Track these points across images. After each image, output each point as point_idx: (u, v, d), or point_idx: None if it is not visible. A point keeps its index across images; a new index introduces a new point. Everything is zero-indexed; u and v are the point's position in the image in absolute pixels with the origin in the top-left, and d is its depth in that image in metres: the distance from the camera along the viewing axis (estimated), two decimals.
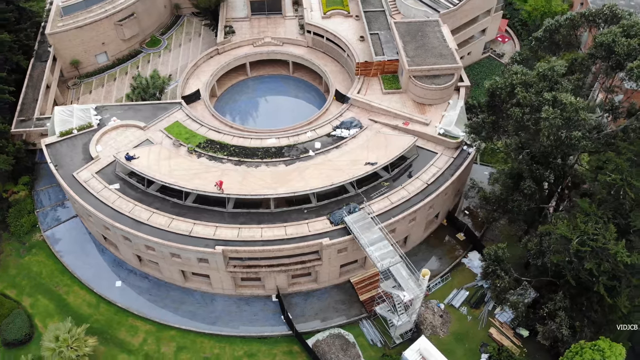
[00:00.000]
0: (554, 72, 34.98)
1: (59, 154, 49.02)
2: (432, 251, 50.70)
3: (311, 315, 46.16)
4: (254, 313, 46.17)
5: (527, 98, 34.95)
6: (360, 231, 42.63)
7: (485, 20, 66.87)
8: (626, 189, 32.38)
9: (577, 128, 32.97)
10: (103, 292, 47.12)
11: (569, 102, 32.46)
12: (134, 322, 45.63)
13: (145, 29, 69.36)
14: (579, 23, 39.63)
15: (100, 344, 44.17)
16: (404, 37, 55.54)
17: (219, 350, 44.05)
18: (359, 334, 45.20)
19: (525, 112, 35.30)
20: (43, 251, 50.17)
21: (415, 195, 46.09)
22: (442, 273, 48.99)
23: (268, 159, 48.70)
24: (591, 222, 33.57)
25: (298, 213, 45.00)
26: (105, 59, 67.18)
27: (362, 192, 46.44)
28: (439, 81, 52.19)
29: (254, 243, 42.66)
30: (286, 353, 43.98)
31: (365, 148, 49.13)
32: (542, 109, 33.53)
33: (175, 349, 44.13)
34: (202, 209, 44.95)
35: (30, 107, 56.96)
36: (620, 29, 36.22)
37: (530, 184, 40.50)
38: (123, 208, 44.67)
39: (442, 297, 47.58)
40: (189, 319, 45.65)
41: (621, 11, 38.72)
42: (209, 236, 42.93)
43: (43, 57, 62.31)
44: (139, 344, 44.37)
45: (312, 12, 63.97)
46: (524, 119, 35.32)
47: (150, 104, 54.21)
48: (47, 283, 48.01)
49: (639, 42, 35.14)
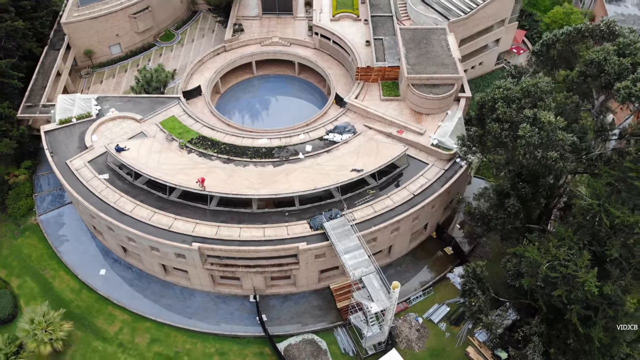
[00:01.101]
0: (537, 88, 33.69)
1: (57, 141, 50.20)
2: (417, 263, 49.76)
3: (287, 318, 45.94)
4: (230, 312, 46.27)
5: (507, 113, 33.81)
6: (338, 238, 42.16)
7: (499, 31, 65.14)
8: (602, 215, 30.91)
9: (554, 148, 31.64)
10: (86, 279, 48.07)
11: (547, 120, 31.19)
12: (112, 311, 46.37)
13: (159, 23, 70.40)
14: (576, 38, 38.06)
15: (78, 330, 45.13)
16: (407, 43, 54.66)
17: (191, 346, 44.32)
18: (332, 342, 44.74)
19: (504, 128, 34.15)
20: (36, 234, 51.54)
21: (400, 205, 45.25)
22: (425, 286, 48.03)
23: (257, 159, 48.69)
24: (564, 248, 32.21)
25: (279, 215, 44.82)
26: (118, 50, 68.48)
27: (347, 199, 45.90)
28: (437, 90, 51.12)
29: (231, 242, 42.69)
30: (257, 354, 43.91)
31: (356, 154, 48.59)
32: (520, 126, 32.35)
33: (149, 341, 44.63)
34: (185, 204, 45.27)
35: (38, 93, 58.50)
36: (614, 47, 34.64)
37: (514, 203, 39.17)
38: (109, 198, 45.41)
39: (422, 311, 46.64)
40: (165, 312, 46.11)
41: (619, 28, 37.00)
42: (187, 232, 43.19)
43: (57, 45, 63.88)
44: (115, 332, 45.07)
45: (321, 14, 63.66)
46: (502, 135, 34.18)
47: (150, 98, 54.96)
48: (35, 266, 49.29)
49: (632, 62, 33.52)
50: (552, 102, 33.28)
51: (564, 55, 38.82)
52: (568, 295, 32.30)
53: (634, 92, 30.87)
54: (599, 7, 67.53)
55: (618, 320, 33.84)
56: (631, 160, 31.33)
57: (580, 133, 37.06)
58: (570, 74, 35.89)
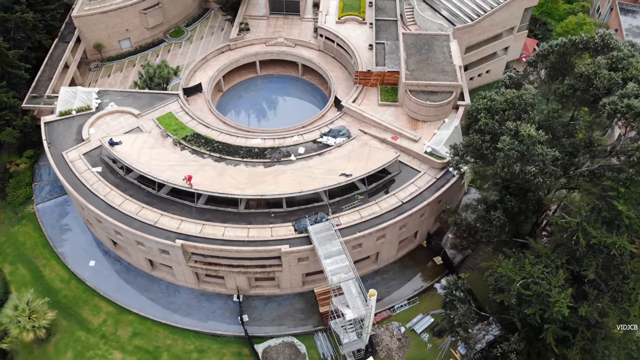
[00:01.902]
0: (522, 100, 32.85)
1: (55, 132, 51.08)
2: (404, 272, 49.13)
3: (268, 320, 45.87)
4: (213, 310, 46.40)
5: (489, 125, 33.06)
6: (321, 242, 41.90)
7: (508, 39, 63.95)
8: (579, 235, 29.96)
9: (534, 163, 30.79)
10: (76, 270, 48.79)
11: (527, 134, 30.37)
12: (98, 302, 46.96)
13: (170, 19, 71.10)
14: (570, 50, 37.01)
15: (63, 319, 45.85)
16: (408, 49, 54.04)
17: (171, 342, 44.60)
18: (312, 346, 44.50)
19: (485, 140, 33.39)
20: (32, 223, 52.55)
21: (387, 212, 44.74)
22: (410, 295, 47.40)
23: (249, 159, 48.75)
24: (540, 265, 31.34)
25: (265, 216, 44.77)
26: (128, 45, 69.36)
27: (335, 203, 45.59)
28: (435, 98, 50.40)
29: (214, 241, 42.79)
30: (235, 354, 43.96)
31: (347, 158, 48.24)
32: (500, 138, 31.59)
33: (131, 334, 45.07)
34: (173, 201, 45.55)
35: (44, 85, 59.50)
36: (606, 61, 33.56)
37: (499, 216, 38.37)
38: (99, 191, 45.98)
39: (406, 321, 46.04)
40: (149, 306, 46.46)
41: (614, 41, 35.82)
42: (172, 229, 43.46)
43: (67, 38, 64.94)
44: (99, 324, 45.64)
45: (327, 16, 63.46)
46: (483, 147, 33.43)
47: (149, 93, 55.53)
48: (29, 254, 50.25)
49: (623, 77, 32.41)
50: (537, 115, 32.35)
51: (559, 67, 37.76)
52: (542, 314, 31.43)
53: (620, 109, 29.82)
54: (614, 18, 65.73)
55: (597, 343, 32.84)
56: (612, 178, 30.29)
57: (571, 148, 36.13)
58: (560, 86, 34.88)
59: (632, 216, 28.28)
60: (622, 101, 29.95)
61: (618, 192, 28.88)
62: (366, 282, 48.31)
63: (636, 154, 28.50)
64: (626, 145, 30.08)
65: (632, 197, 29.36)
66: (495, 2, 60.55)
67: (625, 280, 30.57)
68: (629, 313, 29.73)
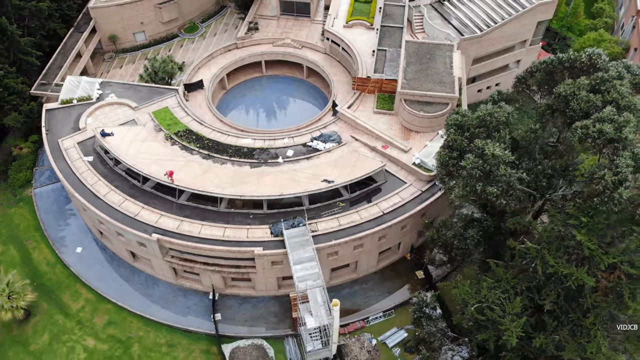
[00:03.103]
0: (493, 118, 31.72)
1: (55, 120, 52.43)
2: (384, 283, 48.35)
3: (241, 320, 45.93)
4: (188, 306, 46.78)
5: (457, 142, 32.06)
6: (294, 247, 41.67)
7: (520, 52, 62.07)
8: (538, 263, 28.72)
9: (497, 184, 29.69)
10: (62, 255, 50.01)
11: (492, 153, 29.29)
12: (79, 289, 48.00)
13: (185, 15, 71.93)
14: (557, 68, 35.53)
15: (45, 302, 47.08)
16: (409, 57, 53.12)
17: (144, 333, 45.17)
18: (280, 350, 44.32)
19: (452, 157, 32.40)
20: (28, 206, 54.15)
21: (366, 222, 44.10)
22: (387, 308, 46.58)
23: (236, 158, 48.86)
24: (498, 290, 30.23)
25: (243, 217, 44.80)
26: (143, 38, 70.54)
27: (316, 209, 45.23)
28: (429, 109, 49.38)
29: (190, 238, 43.04)
30: (203, 352, 44.17)
31: (334, 164, 47.80)
32: (465, 156, 30.61)
33: (106, 322, 45.88)
34: (156, 195, 46.06)
35: (54, 72, 61.19)
36: (587, 81, 32.07)
37: (473, 235, 37.28)
38: (87, 180, 46.93)
39: (379, 333, 45.30)
40: (127, 297, 47.20)
41: (603, 62, 34.18)
42: (151, 222, 43.95)
43: (82, 28, 66.60)
44: (77, 309, 46.65)
45: (335, 19, 63.06)
46: (450, 164, 32.45)
47: (149, 87, 56.34)
48: (21, 236, 51.80)
49: (603, 100, 30.90)
50: (509, 133, 31.19)
51: (546, 85, 36.31)
52: (496, 341, 30.33)
53: (591, 133, 28.42)
54: (635, 37, 62.92)
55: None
56: (576, 206, 28.89)
57: (551, 170, 34.72)
58: (540, 105, 33.54)
59: (592, 247, 26.87)
60: (594, 125, 28.54)
61: (580, 220, 27.51)
62: (344, 291, 48.02)
63: (601, 182, 27.10)
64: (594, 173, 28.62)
65: (596, 227, 27.94)
66: (507, 14, 58.86)
67: (586, 315, 29.12)
68: (586, 349, 28.28)
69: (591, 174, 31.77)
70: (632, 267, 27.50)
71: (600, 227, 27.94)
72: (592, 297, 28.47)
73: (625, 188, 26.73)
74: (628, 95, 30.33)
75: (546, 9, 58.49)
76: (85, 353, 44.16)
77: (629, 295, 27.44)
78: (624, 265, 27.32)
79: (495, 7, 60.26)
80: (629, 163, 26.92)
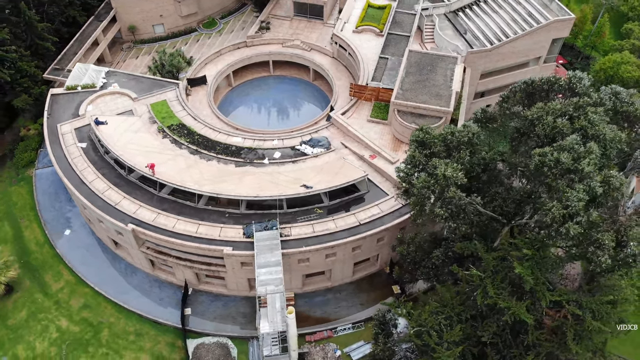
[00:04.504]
0: (454, 137, 30.57)
1: (58, 104, 54.12)
2: (358, 294, 47.57)
3: (210, 317, 46.18)
4: (161, 297, 47.39)
5: (415, 158, 31.10)
6: (262, 250, 41.53)
7: (533, 69, 59.74)
8: (479, 293, 27.49)
9: (445, 205, 28.59)
10: (51, 236, 51.59)
11: (442, 173, 28.21)
12: (62, 270, 49.39)
13: (205, 10, 72.86)
14: (537, 90, 33.92)
15: (28, 279, 48.73)
16: (410, 67, 52.03)
17: (115, 320, 46.07)
18: (244, 352, 44.33)
19: (409, 173, 31.45)
20: (28, 186, 56.15)
21: (341, 231, 43.48)
22: (357, 320, 45.79)
23: (223, 156, 49.12)
24: (441, 316, 29.15)
25: (219, 215, 44.97)
26: (162, 30, 71.88)
27: (294, 213, 44.95)
28: (421, 121, 48.15)
29: (164, 232, 43.51)
30: (169, 344, 44.65)
31: (318, 170, 47.37)
32: (416, 174, 29.66)
33: (81, 305, 47.04)
34: (139, 186, 46.81)
35: (69, 58, 63.26)
36: (559, 106, 30.47)
37: (438, 254, 36.15)
38: (78, 166, 48.20)
39: (344, 345, 44.62)
40: (105, 282, 48.21)
41: (582, 87, 32.37)
42: (129, 212, 44.70)
43: (102, 17, 68.57)
44: (56, 290, 48.02)
45: (346, 24, 62.45)
46: (407, 180, 31.51)
47: (152, 79, 57.37)
48: (16, 214, 53.77)
49: (570, 126, 29.26)
50: (468, 154, 30.00)
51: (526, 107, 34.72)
52: None
53: (547, 162, 26.94)
54: None
55: None
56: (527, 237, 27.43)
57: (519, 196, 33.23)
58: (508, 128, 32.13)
59: (531, 282, 25.46)
60: (552, 154, 27.04)
61: (523, 253, 26.10)
62: (316, 298, 47.62)
63: (548, 215, 25.61)
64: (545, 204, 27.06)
65: (545, 262, 26.47)
66: (521, 29, 56.82)
67: (527, 352, 27.68)
68: None
69: (541, 205, 30.16)
70: (580, 308, 25.92)
71: (550, 262, 26.46)
72: (534, 334, 27.03)
73: (575, 223, 25.18)
74: (600, 123, 28.58)
75: (562, 27, 56.10)
76: (57, 333, 45.41)
77: (572, 337, 25.91)
78: (569, 305, 25.78)
79: (509, 21, 58.29)
80: (581, 197, 25.32)
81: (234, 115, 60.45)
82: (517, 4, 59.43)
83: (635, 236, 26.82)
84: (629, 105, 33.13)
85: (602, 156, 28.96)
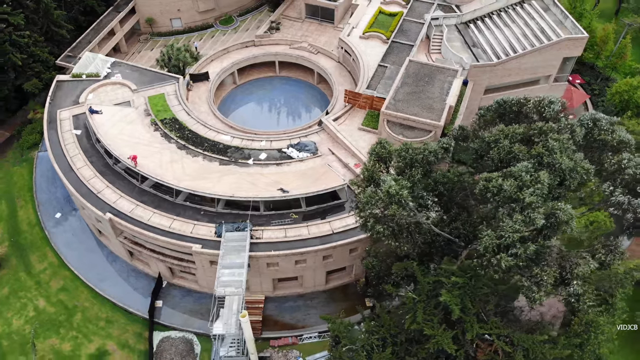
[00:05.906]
0: (408, 154, 29.61)
1: (62, 91, 55.74)
2: (329, 304, 46.96)
3: (180, 312, 46.57)
4: (136, 287, 48.12)
5: (367, 172, 30.30)
6: (228, 251, 41.53)
7: (541, 88, 57.42)
8: (409, 317, 26.54)
9: (386, 223, 27.72)
10: (42, 217, 53.22)
11: (387, 190, 27.33)
12: (47, 252, 50.83)
13: (222, 7, 73.66)
14: (507, 111, 32.49)
15: (15, 257, 50.44)
16: (407, 77, 50.97)
17: (89, 305, 47.08)
18: (208, 349, 44.44)
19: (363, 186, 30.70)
20: (29, 167, 58.13)
21: (312, 238, 43.02)
22: (324, 330, 45.15)
23: (209, 153, 49.36)
24: (375, 336, 28.33)
25: (194, 212, 45.26)
26: (179, 24, 73.13)
27: (270, 215, 44.84)
28: (409, 133, 47.15)
29: (138, 223, 44.11)
30: (136, 334, 45.27)
31: (300, 175, 47.02)
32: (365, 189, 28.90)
33: (60, 287, 48.29)
34: (123, 177, 47.66)
35: (83, 47, 65.13)
36: (521, 130, 29.07)
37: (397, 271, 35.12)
38: (69, 152, 49.47)
39: (308, 353, 44.14)
40: (85, 268, 49.32)
41: (550, 111, 30.72)
42: (109, 202, 45.50)
43: (121, 8, 70.31)
44: (39, 270, 49.48)
45: (354, 29, 61.75)
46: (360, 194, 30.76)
47: (154, 72, 58.26)
48: (14, 194, 55.74)
49: (527, 152, 27.84)
50: (420, 173, 29.01)
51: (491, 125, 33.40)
52: None
53: (490, 188, 25.71)
54: None
55: None
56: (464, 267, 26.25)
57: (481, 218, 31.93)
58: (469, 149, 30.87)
59: (456, 311, 24.33)
60: (497, 180, 25.78)
61: (452, 281, 24.97)
62: (287, 303, 47.38)
63: (482, 242, 24.39)
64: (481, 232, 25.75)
65: (478, 292, 25.27)
66: (530, 45, 54.72)
67: None
68: None
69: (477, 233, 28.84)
70: (511, 345, 24.63)
71: (483, 292, 25.25)
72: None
73: (508, 255, 23.92)
74: (558, 151, 27.07)
75: (573, 46, 53.65)
76: (34, 312, 46.78)
77: None
78: (499, 341, 24.53)
79: (520, 36, 56.23)
80: (517, 228, 24.01)
81: (235, 114, 60.75)
82: (530, 19, 57.30)
83: (580, 274, 25.25)
84: (609, 133, 31.33)
85: (560, 186, 27.46)
